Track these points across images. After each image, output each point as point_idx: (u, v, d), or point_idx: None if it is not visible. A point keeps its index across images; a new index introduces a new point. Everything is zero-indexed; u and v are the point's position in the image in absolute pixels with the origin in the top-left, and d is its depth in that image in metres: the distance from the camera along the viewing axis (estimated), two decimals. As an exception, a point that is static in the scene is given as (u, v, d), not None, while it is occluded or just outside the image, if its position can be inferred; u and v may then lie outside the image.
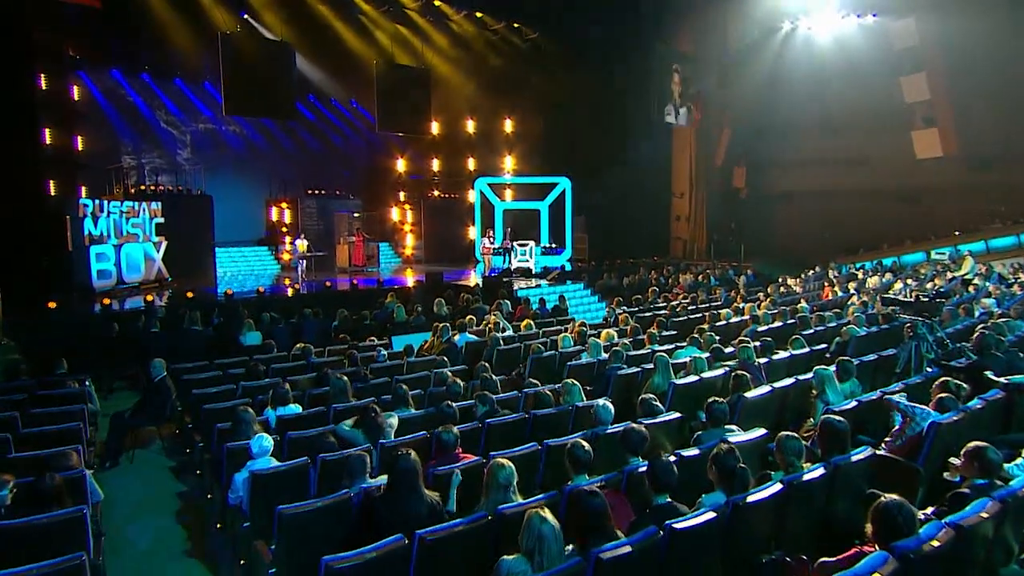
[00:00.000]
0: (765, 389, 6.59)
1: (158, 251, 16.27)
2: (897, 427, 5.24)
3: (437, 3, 20.89)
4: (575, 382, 6.41)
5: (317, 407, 6.62)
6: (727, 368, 7.46)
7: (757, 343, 8.65)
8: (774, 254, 23.90)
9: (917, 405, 5.25)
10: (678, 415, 5.88)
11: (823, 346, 8.83)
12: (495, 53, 23.43)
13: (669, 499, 3.90)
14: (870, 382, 7.36)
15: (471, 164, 25.10)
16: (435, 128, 24.17)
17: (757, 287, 16.27)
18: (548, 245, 21.63)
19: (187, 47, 18.73)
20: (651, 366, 7.56)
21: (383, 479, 4.28)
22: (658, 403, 5.85)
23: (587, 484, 4.19)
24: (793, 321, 10.53)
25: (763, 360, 7.88)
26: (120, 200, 15.43)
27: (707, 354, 8.07)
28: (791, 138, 25.65)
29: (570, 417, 6.25)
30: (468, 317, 11.14)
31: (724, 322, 11.00)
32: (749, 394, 6.38)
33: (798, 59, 24.29)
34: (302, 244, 18.07)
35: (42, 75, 16.09)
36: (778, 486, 4.02)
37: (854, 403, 5.95)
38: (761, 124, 25.17)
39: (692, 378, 7.20)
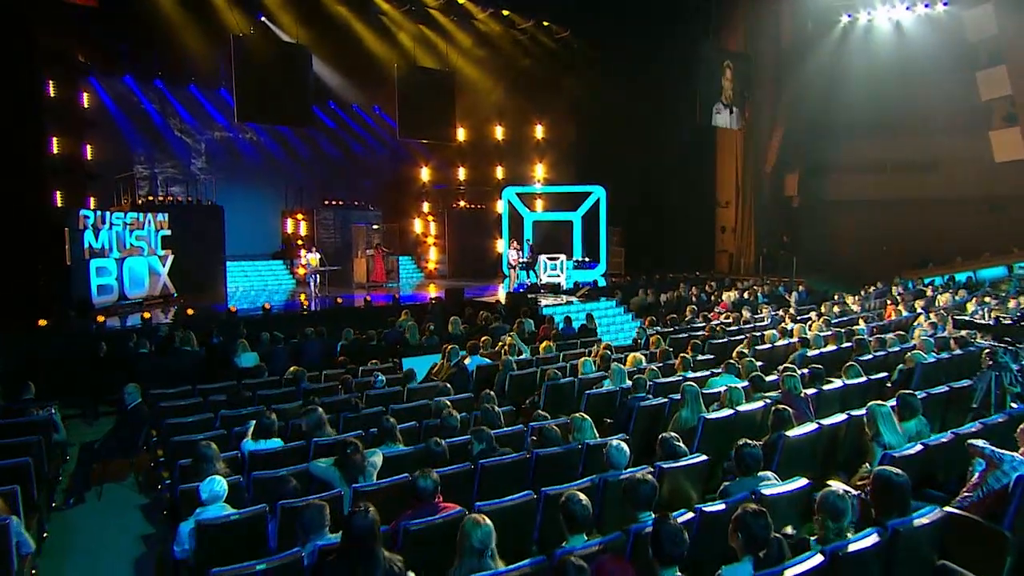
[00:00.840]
0: (811, 427, 5.93)
1: (164, 265, 16.29)
2: (976, 478, 4.53)
3: (461, 1, 20.78)
4: (586, 416, 5.86)
5: (300, 441, 6.19)
6: (767, 401, 6.81)
7: (805, 370, 7.95)
8: (830, 269, 23.09)
9: (1006, 452, 4.53)
10: (704, 458, 5.26)
11: (883, 375, 8.09)
12: (524, 54, 23.24)
13: (678, 574, 3.31)
14: (940, 420, 6.64)
15: (499, 172, 25.02)
16: (461, 135, 24.13)
17: (810, 305, 15.45)
18: (581, 259, 21.30)
19: (201, 51, 18.86)
20: (680, 396, 6.93)
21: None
22: (680, 443, 5.25)
23: (583, 548, 3.64)
24: (849, 345, 9.81)
25: (811, 391, 7.20)
26: (124, 211, 15.39)
27: (745, 383, 7.44)
28: (850, 141, 24.78)
29: (580, 458, 5.70)
30: (483, 338, 10.72)
31: (769, 345, 10.31)
32: (792, 432, 5.74)
33: (858, 54, 23.37)
34: (313, 258, 17.91)
35: (50, 81, 16.33)
36: (819, 558, 3.40)
37: (919, 447, 5.26)
38: (817, 125, 24.33)
39: (726, 412, 6.59)
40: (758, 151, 25.85)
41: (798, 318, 13.07)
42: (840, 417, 6.21)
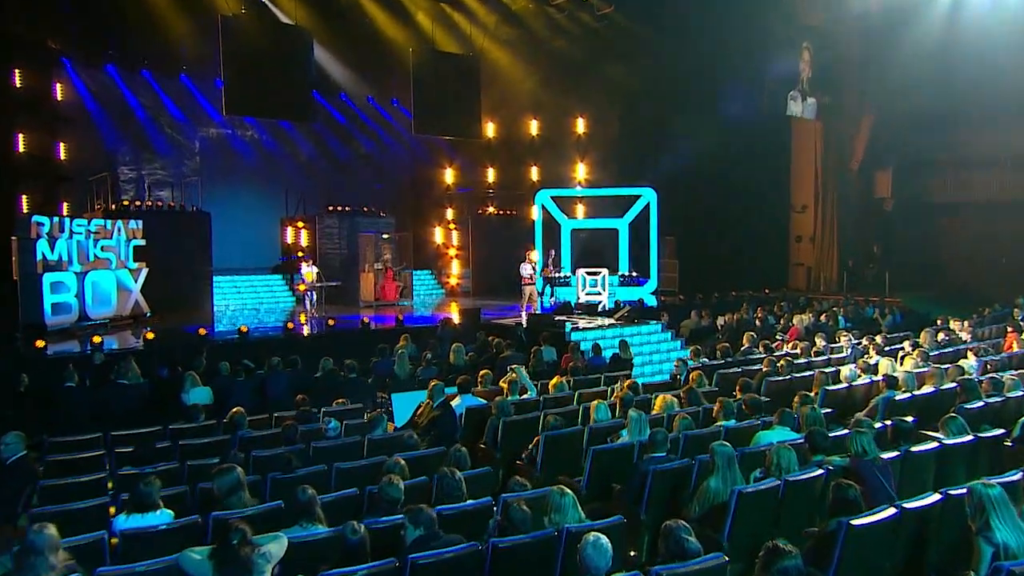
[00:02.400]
0: (888, 512, 4.73)
1: (136, 280, 15.94)
2: None
3: (486, -26, 20.41)
4: (566, 491, 4.77)
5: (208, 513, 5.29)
6: (829, 468, 5.63)
7: (889, 422, 6.72)
8: (933, 287, 21.82)
9: None
10: (723, 559, 4.12)
11: (999, 432, 6.76)
12: (561, 35, 22.78)
13: None
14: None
15: (534, 174, 24.70)
16: (490, 130, 23.95)
17: (904, 333, 14.00)
18: (626, 273, 20.53)
19: (194, 37, 18.75)
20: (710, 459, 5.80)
21: None
22: (692, 538, 4.12)
23: None
24: (953, 386, 8.44)
25: (893, 454, 5.97)
26: (89, 218, 15.04)
27: (802, 437, 6.23)
28: (958, 130, 23.18)
29: (557, 550, 4.61)
30: (482, 372, 9.77)
31: (844, 385, 9.06)
32: (860, 520, 4.54)
33: (966, 27, 21.58)
34: (310, 272, 17.46)
35: (16, 71, 16.22)
36: None
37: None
38: (915, 113, 22.62)
39: (770, 483, 5.44)
40: (842, 145, 24.86)
41: (886, 349, 11.72)
42: (933, 498, 4.99)
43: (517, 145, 24.48)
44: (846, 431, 6.49)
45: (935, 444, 6.31)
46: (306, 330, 15.65)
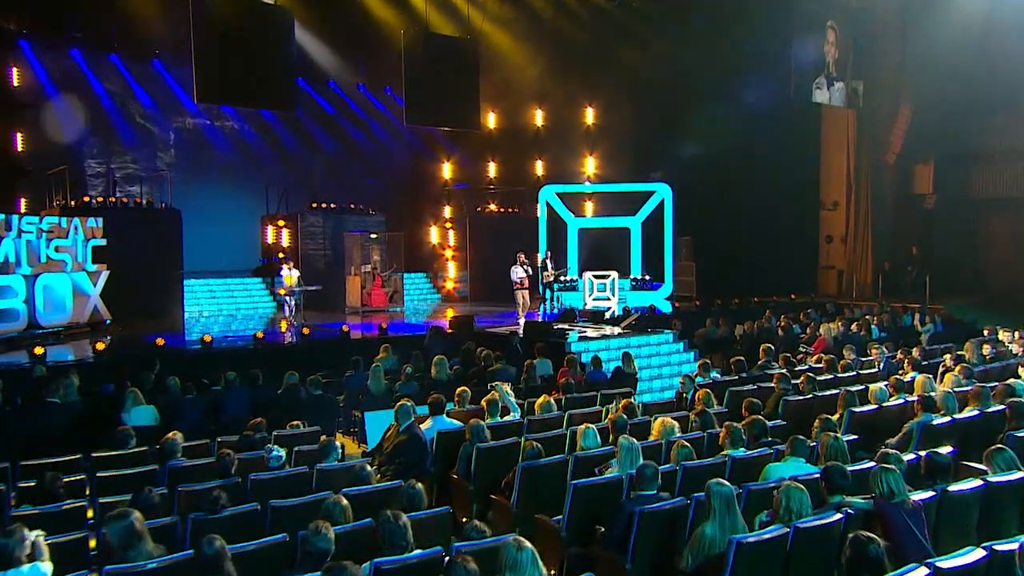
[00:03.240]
0: (920, 574, 4.09)
1: (95, 284, 15.49)
2: None
3: (484, -53, 20.26)
4: (523, 545, 4.17)
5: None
6: (849, 511, 5.07)
7: (923, 453, 6.12)
8: (979, 292, 21.56)
9: None
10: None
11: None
12: (568, 16, 22.51)
13: None
14: None
15: (538, 168, 24.63)
16: (491, 120, 23.80)
17: (946, 344, 13.46)
18: (639, 277, 20.54)
19: (166, 17, 18.50)
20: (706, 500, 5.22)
21: None
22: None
23: None
24: (1000, 409, 7.85)
25: (926, 495, 5.36)
26: (41, 216, 14.66)
27: (817, 472, 5.70)
28: (1006, 119, 22.72)
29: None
30: (459, 389, 9.24)
31: (873, 406, 8.45)
32: (885, 583, 3.94)
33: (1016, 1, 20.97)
34: (290, 276, 17.04)
35: (-34, 54, 15.91)
36: None
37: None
38: (960, 99, 22.22)
39: (775, 530, 4.86)
40: (877, 135, 24.50)
41: (924, 364, 11.12)
42: (976, 553, 4.38)
43: (520, 137, 24.28)
44: (872, 464, 5.91)
45: (979, 482, 5.69)
46: (288, 338, 15.26)
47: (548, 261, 19.28)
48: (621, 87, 23.02)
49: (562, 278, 18.81)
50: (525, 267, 16.80)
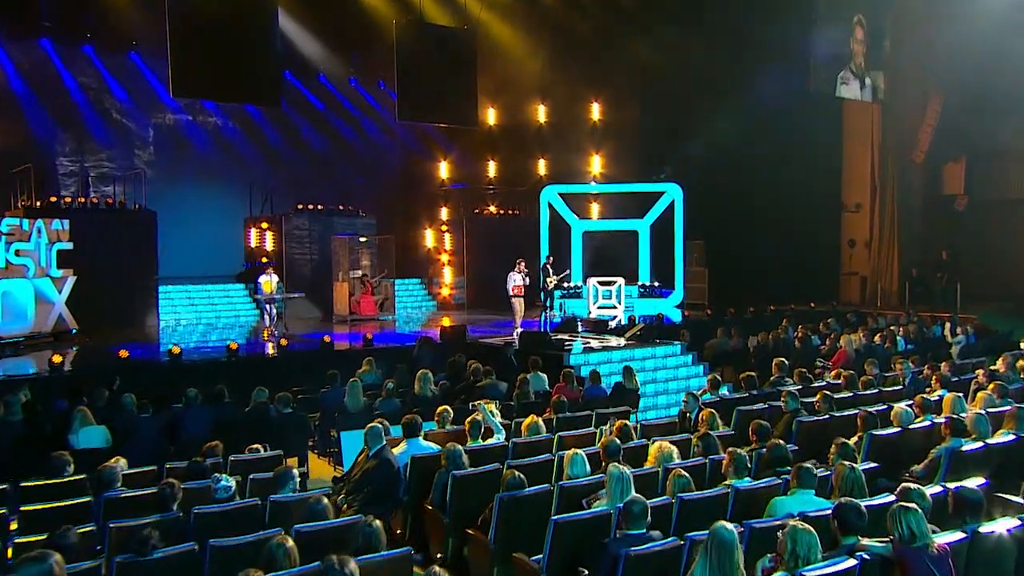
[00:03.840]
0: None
1: (60, 291, 15.30)
2: None
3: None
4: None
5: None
6: (863, 557, 4.65)
7: (951, 486, 5.67)
8: (1014, 300, 21.05)
9: None
10: None
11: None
12: (573, 5, 22.57)
13: None
14: None
15: (541, 167, 24.58)
16: (490, 116, 23.80)
17: (979, 358, 13.11)
18: (647, 284, 20.74)
19: (144, 6, 18.39)
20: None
21: None
22: None
23: None
24: (1041, 433, 7.46)
25: (955, 537, 4.93)
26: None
27: (830, 507, 5.29)
28: None
29: None
30: (439, 408, 8.88)
31: (897, 429, 8.01)
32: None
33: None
34: (268, 282, 16.83)
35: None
36: None
37: None
38: (993, 92, 21.84)
39: (780, 582, 4.41)
40: (903, 132, 24.25)
41: (954, 380, 10.73)
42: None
43: (521, 134, 24.22)
44: (893, 497, 5.47)
45: (1016, 521, 5.25)
46: (270, 348, 15.04)
47: (549, 266, 19.19)
48: (629, 81, 23.06)
49: (564, 284, 18.65)
50: (524, 274, 16.60)
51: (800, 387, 10.35)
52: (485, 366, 11.84)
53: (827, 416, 8.67)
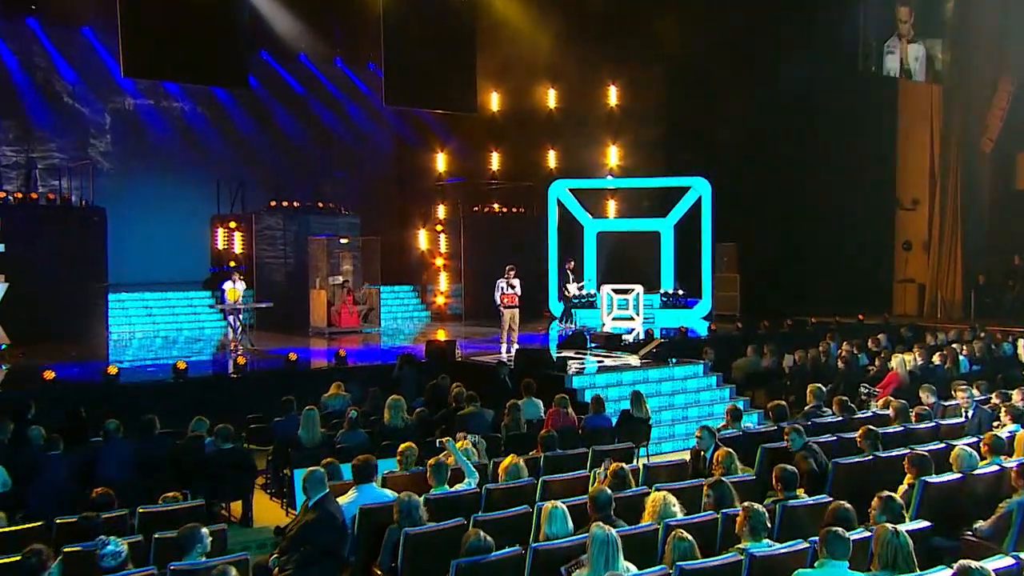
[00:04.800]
0: None
1: (-11, 300, 15.13)
2: None
3: None
4: None
5: None
6: None
7: (1025, 556, 5.13)
8: None
9: None
10: None
11: None
12: None
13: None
14: None
15: (551, 159, 24.88)
16: (493, 102, 24.03)
17: None
18: (671, 292, 20.79)
19: None
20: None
21: None
22: None
23: None
24: None
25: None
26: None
27: None
28: None
29: None
30: (403, 446, 8.34)
31: (957, 475, 7.45)
32: None
33: None
34: (233, 290, 16.65)
35: None
36: None
37: None
38: None
39: None
40: (969, 117, 23.61)
41: (1030, 412, 10.26)
42: None
43: (528, 122, 24.37)
44: (952, 571, 4.91)
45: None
46: (232, 364, 14.58)
47: (570, 271, 19.79)
48: (651, 61, 23.24)
49: (578, 295, 19.03)
50: (508, 282, 16.40)
51: (840, 419, 9.86)
52: (470, 390, 11.50)
53: (870, 457, 8.09)
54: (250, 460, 9.42)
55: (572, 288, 19.33)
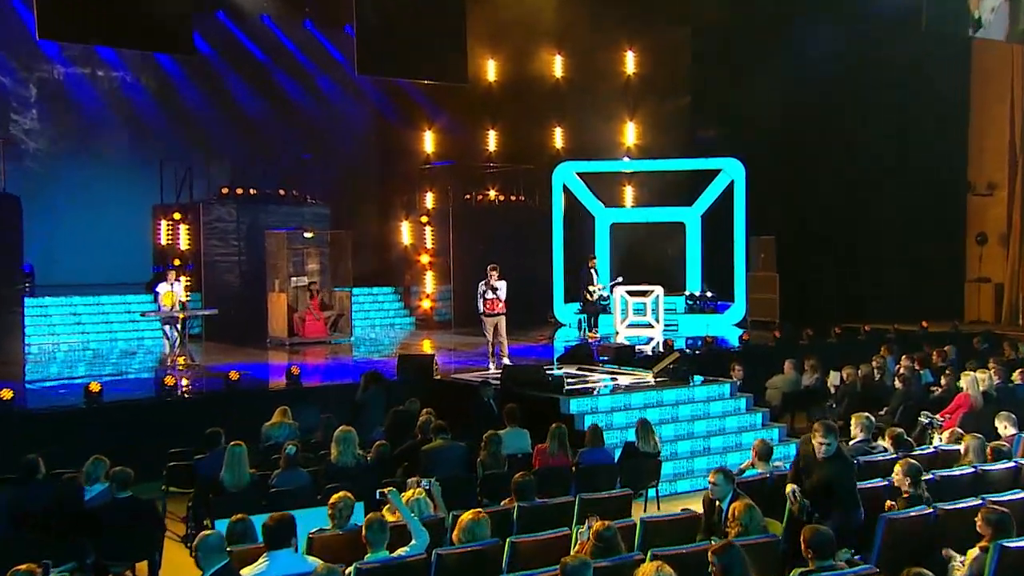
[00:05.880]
0: None
1: None
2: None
3: None
4: None
5: None
6: None
7: None
8: None
9: None
10: None
11: None
12: None
13: None
14: None
15: (557, 138, 24.87)
16: (489, 71, 24.02)
17: None
18: (698, 294, 21.16)
19: None
20: None
21: None
22: None
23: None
24: None
25: None
26: None
27: None
28: None
29: None
30: (337, 497, 7.67)
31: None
32: None
33: None
34: (169, 293, 16.33)
35: None
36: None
37: None
38: None
39: None
40: None
41: None
42: None
43: (531, 95, 24.39)
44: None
45: None
46: (158, 384, 14.02)
47: (592, 271, 19.48)
48: (675, 23, 23.33)
49: (601, 297, 19.01)
50: (489, 286, 16.17)
51: (895, 456, 9.10)
52: (442, 418, 10.92)
53: (930, 511, 7.40)
54: (153, 511, 8.90)
55: (597, 290, 19.16)
